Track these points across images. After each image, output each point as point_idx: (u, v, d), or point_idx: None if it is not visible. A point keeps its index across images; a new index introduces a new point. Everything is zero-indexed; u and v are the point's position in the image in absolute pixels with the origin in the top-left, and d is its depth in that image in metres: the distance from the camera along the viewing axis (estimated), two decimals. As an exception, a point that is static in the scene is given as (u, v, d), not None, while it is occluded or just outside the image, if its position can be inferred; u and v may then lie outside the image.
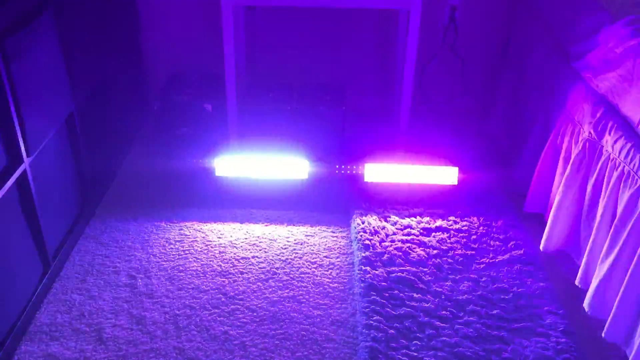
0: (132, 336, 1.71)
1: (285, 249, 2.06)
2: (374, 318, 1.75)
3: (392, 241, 2.06)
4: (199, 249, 2.05)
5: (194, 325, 1.75)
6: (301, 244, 2.08)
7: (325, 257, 2.03)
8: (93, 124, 2.21)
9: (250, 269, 1.97)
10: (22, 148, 1.66)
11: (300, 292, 1.88)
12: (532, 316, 1.78)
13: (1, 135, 1.58)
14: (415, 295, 1.84)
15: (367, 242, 2.05)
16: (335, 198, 2.33)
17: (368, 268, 1.94)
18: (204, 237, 2.10)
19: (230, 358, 1.65)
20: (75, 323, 1.75)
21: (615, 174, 1.64)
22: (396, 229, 2.13)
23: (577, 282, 1.80)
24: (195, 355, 1.66)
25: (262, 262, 2.00)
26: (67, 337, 1.70)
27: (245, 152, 2.32)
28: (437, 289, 1.87)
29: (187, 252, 2.03)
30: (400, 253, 2.01)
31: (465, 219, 2.19)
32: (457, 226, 2.15)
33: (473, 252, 2.03)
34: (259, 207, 2.27)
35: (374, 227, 2.12)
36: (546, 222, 2.00)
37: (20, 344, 1.68)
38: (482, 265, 1.97)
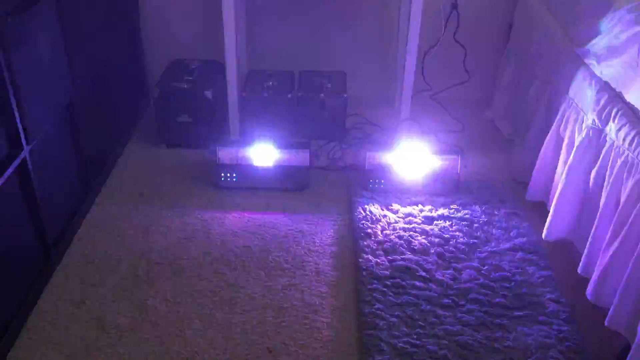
0: (133, 324, 1.71)
1: (286, 237, 2.05)
2: (376, 306, 1.75)
3: (394, 229, 2.06)
4: (200, 237, 2.04)
5: (195, 313, 1.75)
6: (302, 232, 2.08)
7: (327, 245, 2.02)
8: (93, 111, 2.20)
9: (252, 257, 1.96)
10: (22, 135, 1.65)
11: (302, 280, 1.88)
12: (535, 304, 1.78)
13: (1, 122, 1.57)
14: (417, 283, 1.84)
15: (368, 230, 2.05)
16: (337, 186, 2.32)
17: (370, 256, 1.93)
18: (204, 225, 2.10)
19: (232, 346, 1.65)
20: (77, 311, 1.75)
21: (619, 161, 1.63)
22: (398, 217, 2.12)
23: (579, 270, 1.80)
24: (197, 342, 1.66)
25: (263, 250, 1.99)
26: (68, 325, 1.70)
27: (245, 140, 2.31)
28: (439, 277, 1.87)
29: (188, 240, 2.03)
30: (402, 241, 2.00)
31: (467, 207, 2.18)
32: (459, 214, 2.14)
33: (475, 240, 2.02)
34: (260, 195, 2.27)
35: (375, 215, 2.12)
36: (549, 211, 1.99)
37: (22, 331, 1.67)
38: (484, 254, 1.96)
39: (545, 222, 1.99)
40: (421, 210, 2.16)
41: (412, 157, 2.28)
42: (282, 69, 2.72)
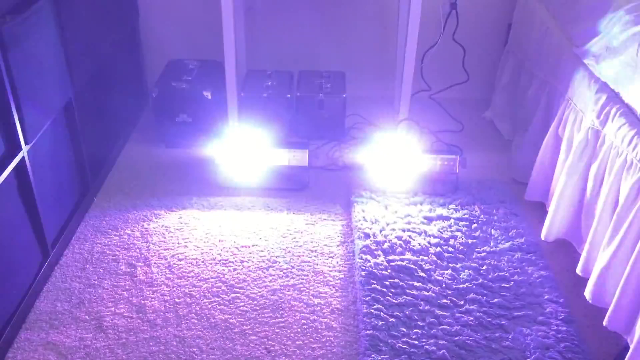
0: (132, 324, 1.71)
1: (285, 237, 2.05)
2: (375, 306, 1.75)
3: (393, 229, 2.05)
4: (199, 237, 2.04)
5: (194, 313, 1.75)
6: (301, 233, 2.07)
7: (326, 245, 2.02)
8: (91, 111, 2.19)
9: (250, 257, 1.96)
10: (20, 135, 1.64)
11: (301, 280, 1.88)
12: (533, 304, 1.78)
13: (-1, 122, 1.57)
14: (415, 283, 1.84)
15: (367, 230, 2.04)
16: (336, 186, 2.32)
17: (368, 256, 1.93)
18: (203, 225, 2.10)
19: (231, 346, 1.65)
20: (75, 311, 1.75)
21: (618, 162, 1.63)
22: (397, 217, 2.12)
23: (578, 270, 1.80)
24: (196, 343, 1.65)
25: (262, 251, 1.99)
26: (66, 326, 1.70)
27: (244, 140, 2.31)
28: (438, 277, 1.87)
29: (186, 240, 2.03)
30: (401, 241, 2.00)
31: (466, 207, 2.18)
32: (457, 214, 2.14)
33: (474, 240, 2.02)
34: (259, 195, 2.27)
35: (374, 216, 2.12)
36: (547, 211, 1.99)
37: (20, 332, 1.67)
38: (483, 254, 1.96)
39: (544, 222, 1.99)
40: (420, 211, 2.16)
41: (411, 157, 2.28)
42: (281, 69, 2.71)
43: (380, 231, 2.04)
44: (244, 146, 2.29)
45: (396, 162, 2.27)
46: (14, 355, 1.61)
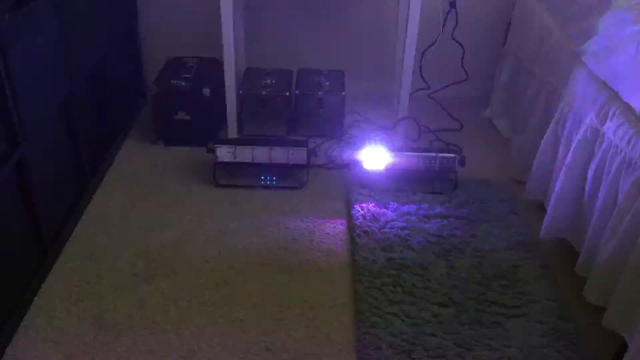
0: (131, 322, 1.71)
1: (284, 234, 2.05)
2: (374, 304, 1.75)
3: (392, 227, 2.06)
4: (198, 235, 2.04)
5: (194, 310, 1.75)
6: (300, 230, 2.07)
7: (325, 243, 2.02)
8: (90, 108, 2.19)
9: (249, 254, 1.96)
10: (19, 133, 1.64)
11: (300, 277, 1.88)
12: (531, 302, 1.78)
13: (-2, 119, 1.57)
14: (414, 281, 1.84)
15: (366, 228, 2.05)
16: (335, 184, 2.32)
17: (368, 254, 1.93)
18: (202, 223, 2.10)
19: (230, 343, 1.65)
20: (75, 308, 1.75)
21: (617, 160, 1.64)
22: (396, 215, 2.12)
23: (576, 269, 1.80)
24: (195, 340, 1.66)
25: (261, 248, 1.99)
26: (66, 322, 1.70)
27: (244, 138, 2.31)
28: (437, 274, 1.87)
29: (186, 237, 2.03)
30: (400, 239, 2.00)
31: (465, 205, 2.18)
32: (456, 213, 2.14)
33: (473, 238, 2.02)
34: (258, 193, 2.26)
35: (373, 214, 2.12)
36: (546, 209, 2.00)
37: (19, 329, 1.67)
38: (481, 252, 1.96)
39: (542, 220, 1.99)
40: (419, 209, 2.16)
41: (410, 156, 2.28)
42: (280, 67, 2.71)
43: (380, 229, 2.05)
44: (243, 144, 2.29)
45: (395, 161, 2.27)
46: (14, 352, 1.61)
